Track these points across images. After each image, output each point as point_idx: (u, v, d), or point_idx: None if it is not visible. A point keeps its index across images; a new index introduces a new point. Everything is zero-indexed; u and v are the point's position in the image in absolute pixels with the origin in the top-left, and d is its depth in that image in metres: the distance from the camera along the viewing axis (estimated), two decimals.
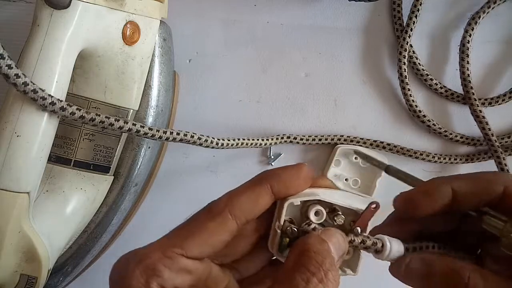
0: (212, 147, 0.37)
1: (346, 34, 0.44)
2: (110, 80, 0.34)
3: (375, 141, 0.44)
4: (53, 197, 0.34)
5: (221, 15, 0.43)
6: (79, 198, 0.35)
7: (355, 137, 0.44)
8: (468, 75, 0.43)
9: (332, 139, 0.44)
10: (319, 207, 0.24)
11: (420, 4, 0.42)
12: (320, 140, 0.43)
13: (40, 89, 0.28)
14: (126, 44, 0.34)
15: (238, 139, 0.39)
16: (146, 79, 0.36)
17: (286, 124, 0.44)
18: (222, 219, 0.22)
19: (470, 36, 0.42)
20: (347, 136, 0.44)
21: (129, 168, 0.37)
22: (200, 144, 0.36)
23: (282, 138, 0.42)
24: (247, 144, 0.40)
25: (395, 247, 0.23)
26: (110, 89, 0.34)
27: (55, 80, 0.29)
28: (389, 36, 0.44)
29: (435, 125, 0.44)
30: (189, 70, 0.43)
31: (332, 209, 0.25)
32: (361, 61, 0.44)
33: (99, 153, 0.35)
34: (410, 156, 0.44)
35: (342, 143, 0.44)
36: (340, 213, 0.24)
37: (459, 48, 0.43)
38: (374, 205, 0.24)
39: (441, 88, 0.44)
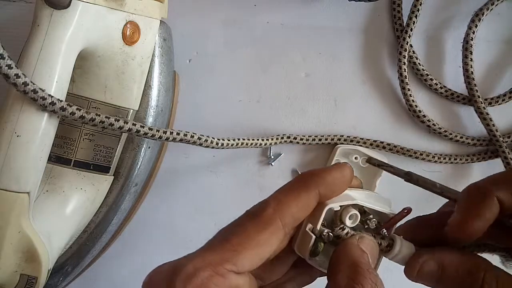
0: (212, 147, 0.37)
1: (346, 34, 0.44)
2: (110, 80, 0.34)
3: (375, 141, 0.44)
4: (53, 197, 0.34)
5: (221, 15, 0.43)
6: (79, 198, 0.35)
7: (355, 137, 0.44)
8: (472, 72, 0.43)
9: (332, 139, 0.44)
10: (354, 211, 0.24)
11: (420, 4, 0.42)
12: (320, 140, 0.43)
13: (40, 89, 0.28)
14: (126, 44, 0.34)
15: (238, 139, 0.39)
16: (146, 79, 0.36)
17: (286, 124, 0.44)
18: (274, 228, 0.21)
19: (473, 33, 0.42)
20: (347, 136, 0.44)
21: (129, 168, 0.37)
22: (200, 144, 0.36)
23: (282, 138, 0.42)
24: (247, 144, 0.40)
25: (406, 247, 0.23)
26: (110, 89, 0.34)
27: (55, 80, 0.29)
28: (389, 36, 0.44)
29: (435, 125, 0.44)
30: (189, 70, 0.43)
31: (362, 212, 0.24)
32: (361, 61, 0.44)
33: (99, 153, 0.35)
34: (410, 156, 0.44)
35: (342, 143, 0.44)
36: (371, 216, 0.24)
37: (462, 45, 0.43)
38: (406, 211, 0.24)
39: (441, 88, 0.44)
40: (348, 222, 0.24)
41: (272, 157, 0.44)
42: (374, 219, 0.24)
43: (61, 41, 0.30)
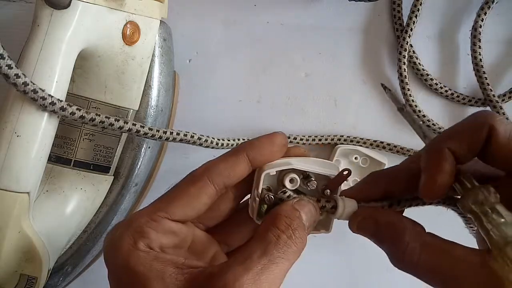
0: (212, 147, 0.37)
1: (346, 34, 0.44)
2: (110, 80, 0.34)
3: (375, 141, 0.44)
4: (53, 197, 0.34)
5: (221, 15, 0.43)
6: (79, 198, 0.35)
7: (355, 137, 0.44)
8: (480, 59, 0.43)
9: (332, 139, 0.44)
10: (293, 175, 0.26)
11: (420, 4, 0.42)
12: (320, 140, 0.43)
13: (40, 89, 0.28)
14: (126, 44, 0.34)
15: (238, 139, 0.39)
16: (146, 79, 0.36)
17: (286, 124, 0.44)
18: (202, 184, 0.25)
19: (482, 20, 0.42)
20: (347, 136, 0.44)
21: (129, 168, 0.37)
22: (200, 144, 0.36)
23: None
24: None
25: (348, 207, 0.25)
26: (110, 89, 0.34)
27: (55, 80, 0.29)
28: (389, 36, 0.44)
29: (435, 125, 0.44)
30: (189, 70, 0.43)
31: (306, 176, 0.26)
32: (361, 61, 0.44)
33: (99, 153, 0.35)
34: (410, 156, 0.44)
35: (342, 143, 0.44)
36: (313, 179, 0.26)
37: (471, 33, 0.43)
38: (346, 172, 0.26)
39: (441, 88, 0.44)
40: (289, 185, 0.26)
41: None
42: (314, 182, 0.26)
43: (61, 41, 0.30)
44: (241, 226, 0.28)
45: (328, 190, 0.26)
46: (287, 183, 0.26)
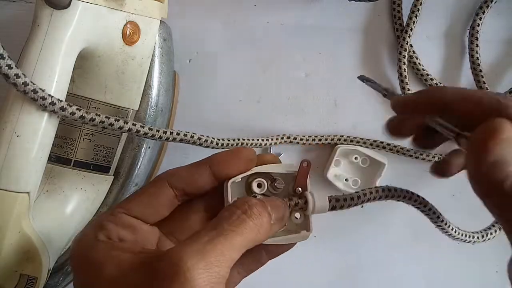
0: (212, 147, 0.37)
1: (346, 34, 0.44)
2: (110, 80, 0.34)
3: (375, 141, 0.44)
4: (53, 197, 0.34)
5: (221, 15, 0.43)
6: (79, 198, 0.35)
7: (355, 137, 0.44)
8: (478, 58, 0.43)
9: (332, 139, 0.44)
10: (260, 179, 0.26)
11: (420, 4, 0.42)
12: (320, 140, 0.43)
13: (40, 89, 0.28)
14: (126, 44, 0.34)
15: (238, 139, 0.39)
16: (146, 79, 0.36)
17: (286, 124, 0.44)
18: (160, 185, 0.26)
19: (480, 19, 0.43)
20: (347, 136, 0.44)
21: (129, 168, 0.37)
22: (200, 144, 0.36)
23: (282, 138, 0.42)
24: (247, 144, 0.40)
25: (319, 200, 0.26)
26: (110, 89, 0.34)
27: (55, 80, 0.29)
28: (389, 36, 0.44)
29: None
30: (189, 70, 0.43)
31: (273, 180, 0.27)
32: (361, 61, 0.44)
33: (99, 153, 0.35)
34: (410, 156, 0.44)
35: (342, 143, 0.44)
36: (280, 180, 0.26)
37: (469, 32, 0.43)
38: (305, 163, 0.26)
39: None
40: (257, 190, 0.26)
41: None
42: (281, 182, 0.26)
43: (61, 41, 0.29)
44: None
45: (299, 188, 0.26)
46: (255, 188, 0.26)
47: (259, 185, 0.26)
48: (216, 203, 0.27)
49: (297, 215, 0.26)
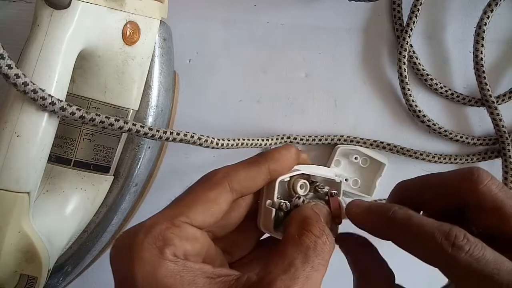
0: (212, 147, 0.37)
1: (346, 34, 0.44)
2: (110, 80, 0.34)
3: (375, 141, 0.44)
4: (53, 197, 0.34)
5: (221, 15, 0.43)
6: (79, 198, 0.35)
7: (355, 137, 0.44)
8: (482, 58, 0.42)
9: (332, 139, 0.44)
10: (303, 181, 0.27)
11: (420, 4, 0.42)
12: (320, 140, 0.43)
13: (40, 89, 0.28)
14: (126, 44, 0.34)
15: (238, 139, 0.39)
16: (146, 79, 0.36)
17: (286, 124, 0.44)
18: (221, 189, 0.24)
19: (488, 18, 0.42)
20: (347, 136, 0.44)
21: (129, 168, 0.37)
22: (200, 144, 0.36)
23: (282, 138, 0.42)
24: (247, 144, 0.40)
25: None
26: (110, 89, 0.34)
27: (55, 80, 0.29)
28: (389, 36, 0.44)
29: (435, 125, 0.44)
30: (189, 70, 0.43)
31: (311, 181, 0.27)
32: (361, 61, 0.44)
33: (99, 153, 0.35)
34: (410, 156, 0.44)
35: (342, 143, 0.44)
36: (319, 183, 0.27)
37: (475, 31, 0.43)
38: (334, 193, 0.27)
39: (441, 88, 0.44)
40: (300, 191, 0.27)
41: None
42: (323, 186, 0.27)
43: (61, 41, 0.29)
44: (246, 236, 0.28)
45: (336, 192, 0.27)
46: (298, 189, 0.27)
47: (301, 186, 0.27)
48: (252, 199, 0.27)
49: None
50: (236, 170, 0.25)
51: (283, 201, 0.26)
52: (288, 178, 0.26)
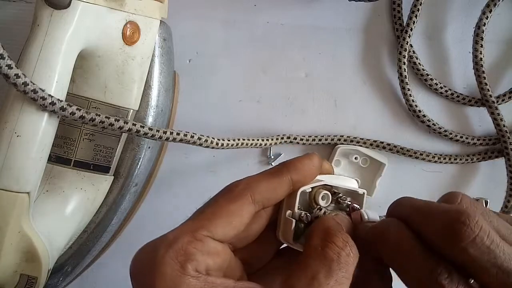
0: (212, 147, 0.37)
1: (346, 34, 0.44)
2: (110, 80, 0.34)
3: (375, 141, 0.44)
4: (53, 197, 0.34)
5: (221, 15, 0.43)
6: (79, 198, 0.35)
7: (355, 137, 0.44)
8: (481, 59, 0.42)
9: (332, 139, 0.44)
10: (325, 192, 0.26)
11: (420, 4, 0.42)
12: (320, 140, 0.43)
13: (40, 89, 0.28)
14: (126, 44, 0.34)
15: (238, 139, 0.39)
16: (146, 79, 0.36)
17: (286, 124, 0.44)
18: (244, 201, 0.23)
19: (487, 18, 0.42)
20: (347, 136, 0.44)
21: (129, 168, 0.37)
22: (200, 144, 0.36)
23: (282, 138, 0.42)
24: (247, 144, 0.40)
25: (371, 216, 0.25)
26: (110, 89, 0.34)
27: (55, 80, 0.29)
28: (389, 36, 0.44)
29: (435, 125, 0.44)
30: (189, 70, 0.43)
31: (333, 192, 0.26)
32: (361, 61, 0.44)
33: (99, 153, 0.35)
34: (410, 156, 0.44)
35: (342, 143, 0.44)
36: (341, 195, 0.26)
37: (474, 31, 0.43)
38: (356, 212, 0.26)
39: (441, 88, 0.44)
40: (322, 203, 0.26)
41: (272, 157, 0.44)
42: (345, 197, 0.26)
43: (61, 41, 0.29)
44: (265, 246, 0.27)
45: (356, 205, 0.26)
46: (320, 201, 0.26)
47: (323, 197, 0.26)
48: (273, 209, 0.26)
49: None
50: (258, 181, 0.24)
51: (303, 212, 0.25)
52: (310, 189, 0.26)
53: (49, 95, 0.29)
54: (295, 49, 0.44)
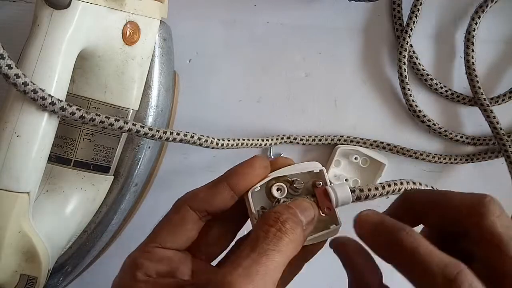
0: (212, 147, 0.37)
1: (346, 34, 0.44)
2: (110, 80, 0.34)
3: (375, 141, 0.44)
4: (53, 197, 0.34)
5: (221, 15, 0.43)
6: (79, 198, 0.35)
7: (355, 137, 0.44)
8: (473, 63, 0.43)
9: (332, 139, 0.44)
10: (279, 183, 0.26)
11: (420, 4, 0.42)
12: (320, 140, 0.43)
13: (40, 89, 0.28)
14: (126, 44, 0.34)
15: (238, 139, 0.39)
16: (146, 79, 0.36)
17: (286, 124, 0.44)
18: (182, 211, 0.26)
19: (476, 24, 0.42)
20: (347, 136, 0.44)
21: (129, 168, 0.37)
22: (200, 144, 0.36)
23: (282, 138, 0.42)
24: (247, 144, 0.40)
25: (340, 191, 0.25)
26: (110, 89, 0.34)
27: (55, 80, 0.29)
28: (389, 36, 0.44)
29: (435, 125, 0.44)
30: (189, 70, 0.43)
31: (291, 182, 0.26)
32: (361, 61, 0.44)
33: (99, 153, 0.35)
34: (410, 156, 0.44)
35: (342, 143, 0.44)
36: (298, 180, 0.26)
37: (464, 36, 0.43)
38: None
39: (441, 88, 0.44)
40: (277, 194, 0.26)
41: (272, 157, 0.44)
42: (300, 182, 0.26)
43: (61, 41, 0.30)
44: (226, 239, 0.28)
45: (320, 183, 0.26)
46: (275, 193, 0.26)
47: (278, 190, 0.26)
48: (240, 216, 0.27)
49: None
50: (197, 192, 0.26)
51: (261, 209, 0.26)
52: (259, 188, 0.26)
53: (49, 95, 0.29)
54: (295, 49, 0.44)
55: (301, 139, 0.43)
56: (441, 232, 0.24)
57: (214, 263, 0.28)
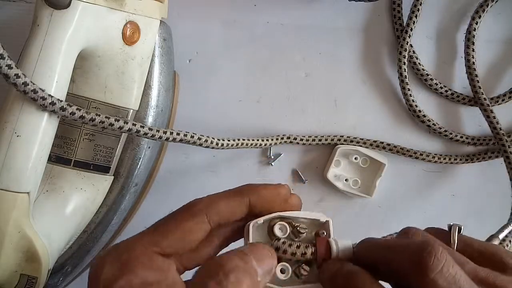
0: (212, 147, 0.37)
1: (346, 34, 0.44)
2: (110, 80, 0.34)
3: (375, 141, 0.44)
4: (53, 197, 0.34)
5: (221, 15, 0.43)
6: (79, 198, 0.35)
7: (355, 137, 0.44)
8: (473, 63, 0.43)
9: (332, 139, 0.44)
10: (282, 223, 0.26)
11: (420, 4, 0.42)
12: (320, 140, 0.43)
13: (40, 89, 0.28)
14: (126, 44, 0.34)
15: (238, 139, 0.39)
16: (146, 79, 0.36)
17: (286, 124, 0.44)
18: (199, 219, 0.24)
19: (476, 24, 0.42)
20: (347, 136, 0.44)
21: (129, 168, 0.37)
22: (200, 144, 0.36)
23: (282, 138, 0.42)
24: (247, 144, 0.40)
25: (342, 247, 0.25)
26: (110, 89, 0.34)
27: (55, 80, 0.29)
28: (389, 36, 0.44)
29: (435, 125, 0.44)
30: (189, 70, 0.43)
31: (295, 226, 0.26)
32: (361, 61, 0.44)
33: (99, 153, 0.35)
34: (410, 156, 0.44)
35: (342, 143, 0.44)
36: (303, 225, 0.26)
37: (465, 36, 0.43)
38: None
39: (441, 88, 0.44)
40: (279, 233, 0.25)
41: (272, 157, 0.44)
42: (304, 227, 0.25)
43: (61, 41, 0.30)
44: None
45: (324, 232, 0.26)
46: (277, 232, 0.25)
47: (281, 229, 0.26)
48: (235, 233, 0.26)
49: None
50: (217, 202, 0.24)
51: None
52: (262, 222, 0.25)
53: (49, 95, 0.29)
54: (295, 49, 0.44)
55: (301, 139, 0.43)
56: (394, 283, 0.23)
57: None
